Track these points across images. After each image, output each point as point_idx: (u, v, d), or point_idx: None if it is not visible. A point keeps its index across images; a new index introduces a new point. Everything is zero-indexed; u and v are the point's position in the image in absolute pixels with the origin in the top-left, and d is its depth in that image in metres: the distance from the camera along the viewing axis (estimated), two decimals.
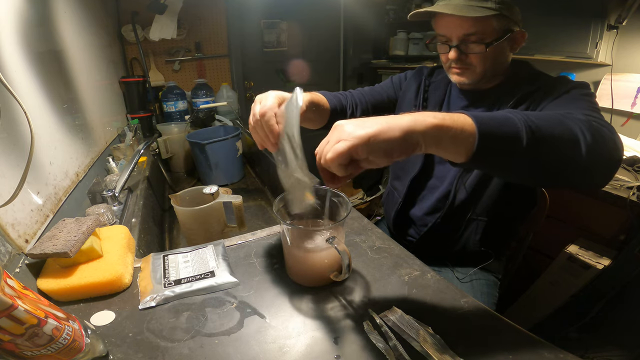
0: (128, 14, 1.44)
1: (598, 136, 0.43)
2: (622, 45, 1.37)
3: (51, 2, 0.84)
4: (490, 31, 0.65)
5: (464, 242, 0.81)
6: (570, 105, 0.58)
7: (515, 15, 0.67)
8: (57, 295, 0.49)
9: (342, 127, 0.38)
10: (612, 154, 0.45)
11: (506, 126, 0.39)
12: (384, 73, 2.52)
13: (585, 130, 0.42)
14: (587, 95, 0.60)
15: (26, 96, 0.64)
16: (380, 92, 0.91)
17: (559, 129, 0.42)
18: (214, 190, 0.77)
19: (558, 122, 0.43)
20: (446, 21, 0.69)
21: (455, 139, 0.38)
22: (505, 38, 0.66)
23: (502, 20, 0.65)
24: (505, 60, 0.72)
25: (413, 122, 0.36)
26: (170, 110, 1.59)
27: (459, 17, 0.65)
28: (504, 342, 0.42)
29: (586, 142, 0.42)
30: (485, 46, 0.65)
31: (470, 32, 0.66)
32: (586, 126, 0.43)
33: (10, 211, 0.51)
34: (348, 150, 0.36)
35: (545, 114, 0.44)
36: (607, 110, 1.40)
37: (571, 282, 1.15)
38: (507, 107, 0.69)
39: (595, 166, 0.44)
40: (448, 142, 0.38)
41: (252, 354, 0.41)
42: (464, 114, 0.39)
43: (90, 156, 0.93)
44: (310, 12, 2.17)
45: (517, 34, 0.68)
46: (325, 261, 0.50)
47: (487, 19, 0.64)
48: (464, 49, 0.68)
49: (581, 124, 0.43)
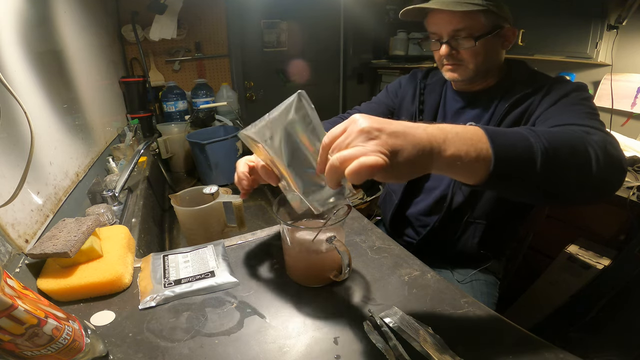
0: (128, 14, 1.44)
1: (607, 156, 0.43)
2: (622, 45, 1.37)
3: (51, 2, 0.84)
4: (479, 26, 0.67)
5: (463, 245, 0.81)
6: (570, 112, 0.58)
7: (504, 12, 0.68)
8: (57, 295, 0.49)
9: (372, 130, 0.32)
10: (620, 172, 0.45)
11: (521, 149, 0.37)
12: (384, 73, 2.52)
13: (597, 150, 0.42)
14: (585, 99, 0.61)
15: (26, 96, 0.64)
16: (379, 105, 0.93)
17: (572, 150, 0.41)
18: (214, 190, 0.77)
19: (570, 142, 0.41)
20: (436, 18, 0.71)
21: (470, 167, 0.35)
22: (494, 33, 0.67)
23: (491, 16, 0.66)
24: (497, 58, 0.72)
25: (437, 150, 0.33)
26: (170, 110, 1.59)
27: (448, 13, 0.67)
28: (504, 342, 0.42)
29: (598, 162, 0.41)
30: (474, 40, 0.67)
31: (459, 28, 0.68)
32: (599, 145, 0.42)
33: (10, 211, 0.51)
34: (379, 168, 0.30)
35: (559, 133, 0.42)
36: (607, 110, 1.40)
37: (571, 282, 1.15)
38: (504, 108, 0.69)
39: (605, 185, 0.44)
40: (461, 169, 0.36)
41: (252, 354, 0.41)
42: (482, 134, 0.36)
43: (90, 156, 0.93)
44: (310, 12, 2.17)
45: (507, 30, 0.69)
46: (325, 261, 0.50)
47: (475, 14, 0.65)
48: (454, 45, 0.70)
49: (594, 144, 0.42)
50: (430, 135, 0.33)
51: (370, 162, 0.30)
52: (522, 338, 0.43)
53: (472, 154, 0.34)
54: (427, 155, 0.33)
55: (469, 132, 0.36)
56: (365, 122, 0.32)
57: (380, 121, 0.33)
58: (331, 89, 2.53)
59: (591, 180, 0.42)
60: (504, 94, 0.72)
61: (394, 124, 0.33)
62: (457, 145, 0.34)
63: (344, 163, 0.31)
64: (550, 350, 0.40)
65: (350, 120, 0.33)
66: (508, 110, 0.69)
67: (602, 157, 0.42)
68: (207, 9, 1.68)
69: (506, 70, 0.75)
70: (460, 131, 0.35)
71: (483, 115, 0.75)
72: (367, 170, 0.30)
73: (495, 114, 0.72)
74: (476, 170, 0.36)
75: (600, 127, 0.51)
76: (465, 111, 0.78)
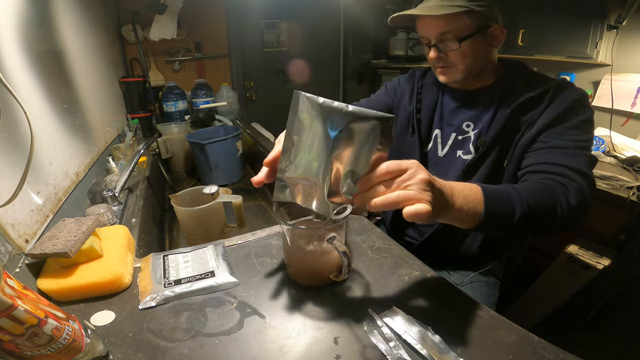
0: (128, 14, 1.44)
1: (570, 209, 0.54)
2: (622, 45, 1.37)
3: (51, 2, 0.84)
4: (464, 28, 0.67)
5: (464, 248, 0.81)
6: (565, 143, 0.62)
7: (491, 12, 0.68)
8: (57, 295, 0.49)
9: (429, 183, 0.38)
10: (580, 216, 0.57)
11: (507, 207, 0.50)
12: (384, 73, 2.52)
13: (564, 207, 0.54)
14: (584, 121, 0.63)
15: (26, 96, 0.64)
16: (378, 103, 0.93)
17: (544, 209, 0.53)
18: (214, 190, 0.77)
19: (544, 202, 0.54)
20: (422, 23, 0.72)
21: (465, 222, 0.47)
22: (479, 33, 0.67)
23: (475, 17, 0.67)
24: (488, 57, 0.72)
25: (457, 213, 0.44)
26: (170, 110, 1.59)
27: (432, 17, 0.69)
28: (504, 342, 0.42)
29: (562, 215, 0.54)
30: (459, 42, 0.67)
31: (444, 31, 0.68)
32: (567, 203, 0.54)
33: (10, 211, 0.51)
34: (427, 216, 0.35)
35: (538, 196, 0.53)
36: (607, 110, 1.40)
37: (571, 282, 1.15)
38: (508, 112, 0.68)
39: (565, 226, 0.56)
40: (460, 222, 0.46)
41: (252, 354, 0.41)
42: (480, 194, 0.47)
43: (90, 156, 0.93)
44: (310, 12, 2.17)
45: (495, 29, 0.69)
46: (325, 261, 0.50)
47: (459, 16, 0.66)
48: (442, 48, 0.71)
49: (563, 203, 0.54)
50: (450, 196, 0.43)
51: (425, 210, 0.35)
52: (522, 338, 0.43)
53: (471, 213, 0.46)
54: (445, 207, 0.42)
55: (472, 194, 0.47)
56: (426, 174, 0.38)
57: (432, 177, 0.40)
58: (331, 89, 2.53)
59: (553, 227, 0.56)
60: (504, 94, 0.71)
61: (438, 181, 0.41)
62: (461, 202, 0.44)
63: (406, 201, 0.36)
64: (550, 350, 0.40)
65: (412, 165, 0.38)
66: (510, 116, 0.68)
67: (567, 211, 0.54)
68: (207, 9, 1.68)
69: (503, 69, 0.75)
70: (467, 193, 0.46)
71: (481, 116, 0.74)
72: (423, 216, 0.35)
73: (497, 118, 0.71)
74: (467, 223, 0.47)
75: (582, 168, 0.59)
76: (462, 110, 0.78)
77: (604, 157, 1.30)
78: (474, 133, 0.75)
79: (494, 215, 0.48)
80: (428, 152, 0.83)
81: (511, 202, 0.51)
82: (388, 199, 0.37)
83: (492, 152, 0.71)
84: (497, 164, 0.72)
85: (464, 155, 0.77)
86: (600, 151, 1.36)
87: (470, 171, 0.74)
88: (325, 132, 0.39)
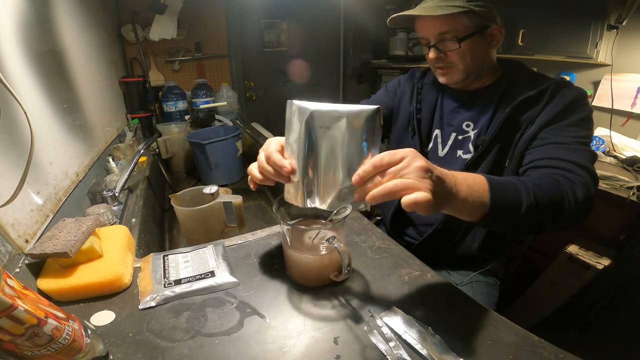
0: (128, 14, 1.44)
1: (577, 203, 0.52)
2: (622, 45, 1.37)
3: (51, 2, 0.84)
4: (463, 28, 0.68)
5: (464, 248, 0.81)
6: (565, 138, 0.61)
7: (489, 12, 0.68)
8: (57, 295, 0.49)
9: (428, 170, 0.37)
10: (587, 210, 0.55)
11: (513, 198, 0.48)
12: (384, 73, 2.52)
13: (571, 200, 0.52)
14: (583, 119, 0.63)
15: (26, 96, 0.64)
16: (379, 103, 0.93)
17: (550, 202, 0.51)
18: (214, 190, 0.77)
19: (551, 196, 0.51)
20: (422, 23, 0.72)
21: (471, 213, 0.45)
22: (478, 33, 0.68)
23: (474, 17, 0.67)
24: (487, 58, 0.73)
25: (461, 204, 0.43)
26: (170, 110, 1.59)
27: (431, 18, 0.69)
28: (504, 342, 0.42)
29: (569, 209, 0.52)
30: (458, 42, 0.68)
31: (443, 31, 0.69)
32: (574, 196, 0.52)
33: (10, 211, 0.51)
34: (427, 204, 0.34)
35: (545, 189, 0.51)
36: (607, 110, 1.40)
37: (571, 282, 1.15)
38: (507, 112, 0.68)
39: (573, 221, 0.54)
40: (465, 213, 0.45)
41: (252, 354, 0.41)
42: (485, 184, 0.45)
43: (90, 156, 0.93)
44: (310, 12, 2.17)
45: (494, 30, 0.70)
46: (325, 261, 0.50)
47: (458, 16, 0.66)
48: (441, 48, 0.71)
49: (570, 195, 0.52)
50: (453, 185, 0.41)
51: (425, 199, 0.34)
52: (522, 338, 0.43)
53: (476, 203, 0.44)
54: (448, 197, 0.40)
55: (477, 183, 0.45)
56: (423, 161, 0.37)
57: (430, 163, 0.38)
58: (331, 89, 2.53)
59: (561, 222, 0.53)
60: (503, 94, 0.71)
61: (437, 168, 0.39)
62: (465, 192, 0.43)
63: (404, 190, 0.35)
64: (550, 350, 0.40)
65: (408, 153, 0.37)
66: (509, 115, 0.68)
67: (574, 205, 0.52)
68: (207, 9, 1.68)
69: (502, 69, 0.75)
70: (471, 183, 0.44)
71: (481, 116, 0.74)
72: (423, 205, 0.34)
73: (496, 117, 0.71)
74: (473, 214, 0.45)
75: (585, 163, 0.58)
76: (462, 110, 0.78)
77: (604, 157, 1.30)
78: (474, 133, 0.76)
79: (501, 206, 0.46)
80: (428, 152, 0.83)
81: (518, 193, 0.49)
82: (384, 188, 0.36)
83: (491, 151, 0.72)
84: (497, 163, 0.72)
85: (464, 155, 0.77)
86: (600, 151, 1.36)
87: (469, 170, 0.74)
88: (316, 132, 0.41)
